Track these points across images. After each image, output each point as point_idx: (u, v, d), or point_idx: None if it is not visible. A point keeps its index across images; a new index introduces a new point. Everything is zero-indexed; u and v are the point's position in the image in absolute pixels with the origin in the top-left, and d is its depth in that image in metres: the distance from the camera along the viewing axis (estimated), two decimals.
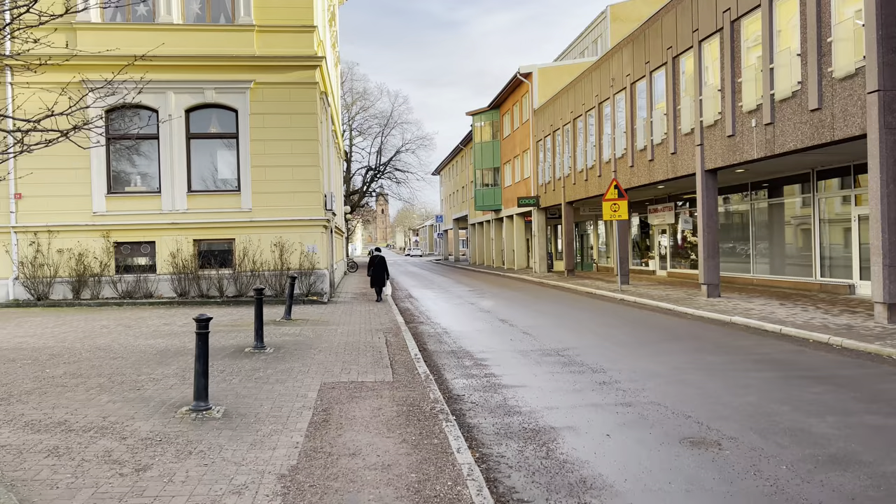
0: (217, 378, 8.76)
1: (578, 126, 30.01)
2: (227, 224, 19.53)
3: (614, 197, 22.43)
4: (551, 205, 34.70)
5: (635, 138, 23.59)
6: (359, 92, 60.26)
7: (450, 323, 15.76)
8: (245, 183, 19.62)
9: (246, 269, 19.20)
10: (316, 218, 19.87)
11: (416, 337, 13.41)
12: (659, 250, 29.44)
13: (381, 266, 21.19)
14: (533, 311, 17.95)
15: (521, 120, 40.06)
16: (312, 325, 14.18)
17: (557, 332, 13.64)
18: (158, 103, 19.32)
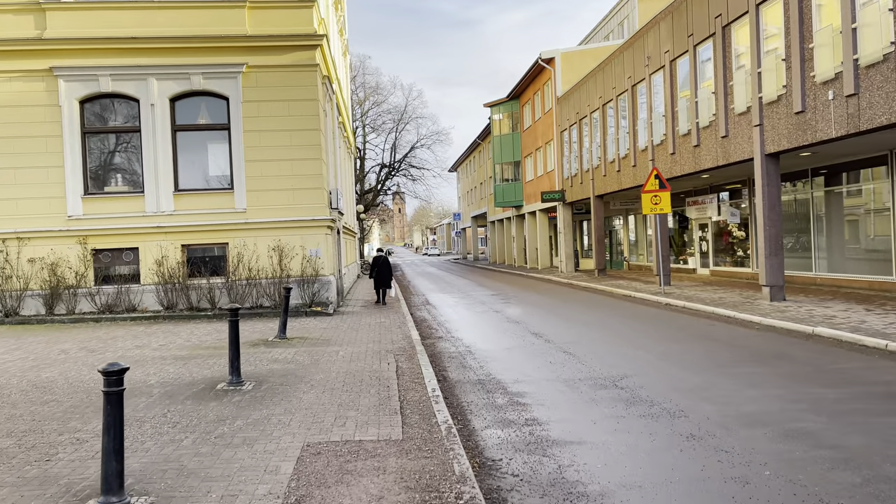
0: (164, 437, 6.45)
1: (609, 112, 27.45)
2: (220, 227, 17.30)
3: (655, 188, 19.91)
4: (578, 199, 32.17)
5: (677, 122, 21.03)
6: (371, 86, 58.05)
7: (473, 338, 13.37)
8: (238, 180, 17.37)
9: (241, 278, 16.96)
10: (319, 218, 17.57)
11: (433, 359, 11.03)
12: (699, 247, 26.81)
13: (385, 267, 19.89)
14: (568, 320, 15.50)
15: (543, 109, 37.52)
16: (310, 346, 11.86)
17: (605, 351, 11.20)
18: (139, 92, 17.13)
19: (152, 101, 17.11)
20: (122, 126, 17.44)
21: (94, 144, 17.41)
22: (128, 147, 17.54)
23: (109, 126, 17.48)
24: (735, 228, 24.23)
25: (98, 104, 17.32)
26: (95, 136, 17.40)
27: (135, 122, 17.31)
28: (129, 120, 17.42)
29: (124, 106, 17.41)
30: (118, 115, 17.46)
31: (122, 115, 17.46)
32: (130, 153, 17.54)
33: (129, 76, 17.00)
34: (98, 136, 17.43)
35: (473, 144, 59.63)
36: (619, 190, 26.50)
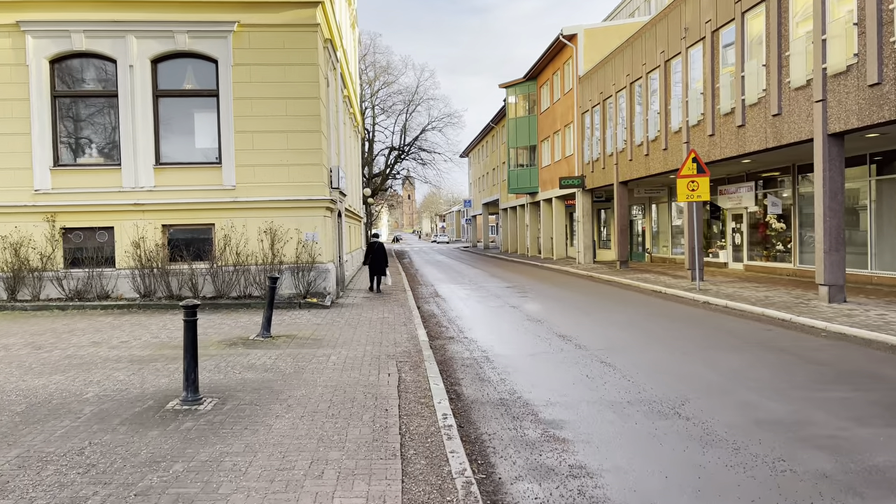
0: (65, 492, 4.55)
1: (637, 91, 25.30)
2: (205, 205, 15.40)
3: (692, 173, 17.85)
4: (599, 186, 30.08)
5: (717, 100, 18.90)
6: (382, 66, 55.88)
7: (490, 340, 11.43)
8: (227, 153, 15.45)
9: (227, 263, 15.07)
10: (317, 198, 15.64)
11: (443, 368, 9.11)
12: (732, 239, 24.72)
13: (379, 253, 19.13)
14: (596, 319, 13.54)
15: (563, 90, 35.36)
16: (297, 348, 9.95)
17: (650, 362, 9.24)
18: (117, 51, 15.19)
19: (131, 61, 15.17)
20: (98, 90, 15.53)
21: (65, 110, 15.50)
22: (103, 114, 15.63)
23: (83, 90, 15.57)
24: (774, 220, 22.13)
25: (70, 64, 15.40)
26: (67, 101, 15.49)
27: (111, 86, 15.39)
28: (106, 83, 15.49)
29: (100, 67, 15.48)
30: (93, 77, 15.54)
31: (97, 77, 15.54)
32: (106, 121, 15.64)
33: (105, 33, 15.06)
34: (70, 101, 15.53)
35: (486, 128, 57.46)
36: (646, 176, 24.40)
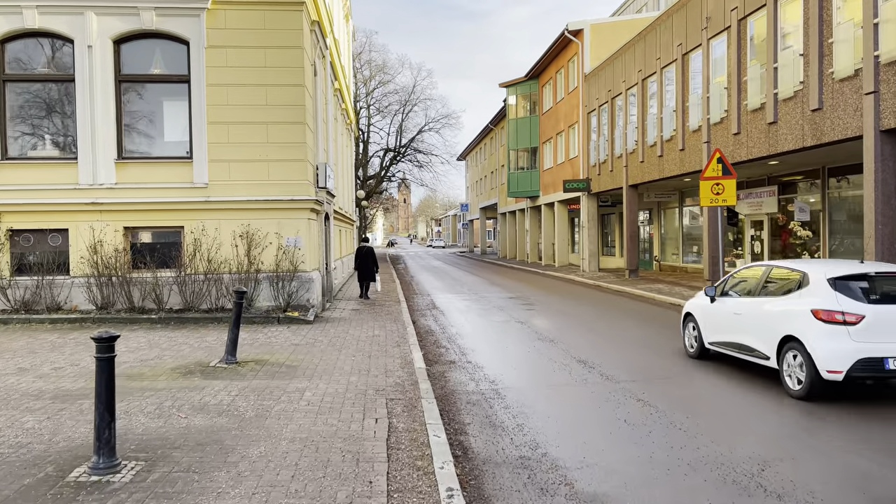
0: None
1: (650, 88, 23.61)
2: (173, 205, 13.61)
3: (717, 174, 16.10)
4: (606, 189, 28.37)
5: (744, 95, 17.22)
6: (377, 64, 54.18)
7: (499, 366, 9.65)
8: (199, 147, 13.66)
9: (198, 271, 13.27)
10: (301, 198, 13.87)
11: (445, 409, 7.33)
12: (751, 247, 23.00)
13: (368, 258, 18.36)
14: (617, 339, 11.77)
15: (567, 89, 33.67)
16: (265, 379, 8.15)
17: (698, 400, 7.47)
18: (74, 30, 13.41)
19: (90, 42, 13.38)
20: (52, 74, 13.73)
21: (14, 96, 13.70)
22: (59, 101, 13.83)
23: (35, 73, 13.77)
24: (799, 227, 20.43)
25: (21, 44, 13.61)
26: (17, 86, 13.69)
27: (68, 70, 13.60)
28: (61, 66, 13.71)
29: (55, 48, 13.69)
30: (47, 59, 13.75)
31: (51, 59, 13.74)
32: (62, 109, 13.84)
33: (61, 9, 13.28)
34: (20, 86, 13.73)
35: (485, 130, 55.73)
36: (659, 178, 22.70)
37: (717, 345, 9.43)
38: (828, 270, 7.83)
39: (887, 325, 7.22)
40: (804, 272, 8.09)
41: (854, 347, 7.17)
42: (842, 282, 7.60)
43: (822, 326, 7.37)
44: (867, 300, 7.42)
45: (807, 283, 7.91)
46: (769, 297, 8.52)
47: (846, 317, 7.29)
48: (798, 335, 7.60)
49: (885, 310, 7.31)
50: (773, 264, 8.99)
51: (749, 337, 8.59)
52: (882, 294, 7.54)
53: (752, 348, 8.53)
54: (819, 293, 7.62)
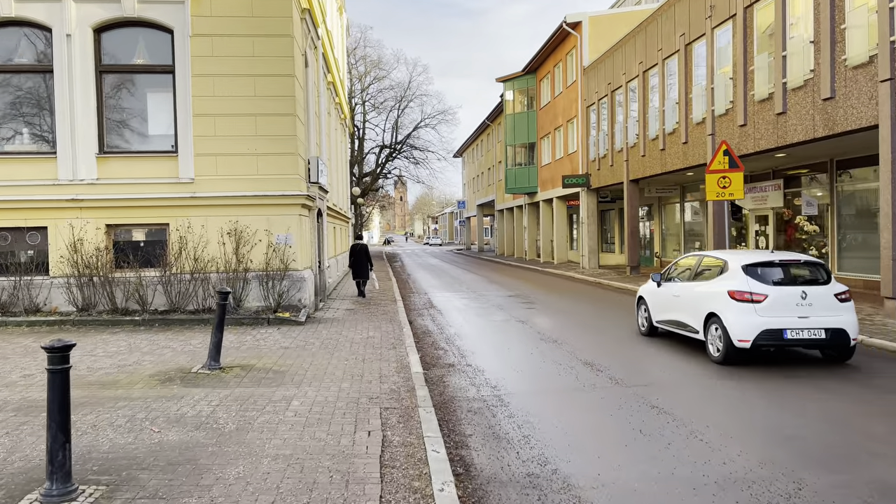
0: None
1: (651, 80, 23.05)
2: (158, 201, 13.01)
3: (723, 168, 15.55)
4: (606, 184, 27.82)
5: (751, 85, 16.66)
6: (373, 60, 53.50)
7: (500, 369, 9.07)
8: (185, 140, 13.05)
9: (184, 270, 12.67)
10: (291, 193, 13.27)
11: (445, 419, 6.76)
12: (756, 243, 22.47)
13: (362, 256, 18.11)
14: (624, 341, 11.20)
15: (566, 83, 33.10)
16: (250, 387, 7.56)
17: (716, 405, 6.90)
18: (52, 18, 12.78)
19: (69, 30, 12.76)
20: (29, 64, 13.11)
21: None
22: (37, 93, 13.20)
23: (11, 64, 13.14)
24: (805, 221, 19.89)
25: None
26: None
27: (46, 60, 12.97)
28: (39, 57, 13.08)
29: (32, 37, 13.06)
30: (23, 49, 13.11)
31: (28, 49, 13.12)
32: (40, 101, 13.22)
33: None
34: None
35: (482, 126, 55.14)
36: (662, 173, 22.15)
37: (662, 323, 10.96)
38: (742, 259, 9.32)
39: (786, 302, 8.74)
40: (725, 260, 9.58)
41: (759, 321, 8.69)
42: (752, 268, 9.08)
43: (735, 304, 8.89)
44: (771, 283, 8.93)
45: (726, 270, 9.42)
46: (700, 282, 10.03)
47: (753, 296, 8.81)
48: (718, 312, 9.09)
49: (785, 290, 8.84)
50: (705, 254, 10.44)
51: (685, 315, 10.12)
52: (783, 278, 9.05)
53: (686, 324, 10.07)
54: (734, 277, 9.13)
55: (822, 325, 8.67)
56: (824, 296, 8.83)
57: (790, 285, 8.92)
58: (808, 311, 8.73)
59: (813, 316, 8.71)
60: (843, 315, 8.79)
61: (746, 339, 8.69)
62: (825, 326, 8.66)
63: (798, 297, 8.77)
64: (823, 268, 9.28)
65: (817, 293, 8.83)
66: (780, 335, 8.66)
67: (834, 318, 8.73)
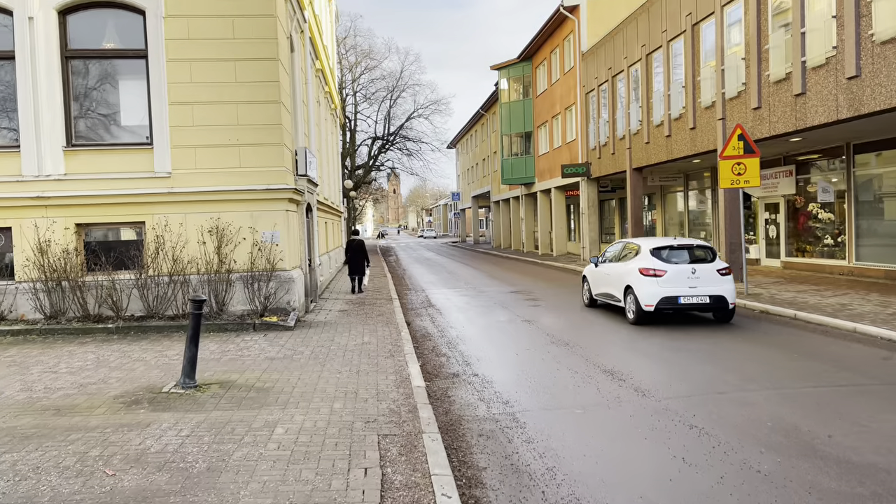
0: None
1: (655, 63, 22.07)
2: (132, 198, 11.99)
3: (737, 153, 14.71)
4: (608, 173, 26.88)
5: (765, 65, 15.72)
6: (363, 49, 52.35)
7: (511, 380, 8.13)
8: (160, 131, 12.02)
9: (162, 272, 11.66)
10: (278, 187, 12.27)
11: (453, 447, 5.83)
12: (766, 232, 21.59)
13: (359, 252, 17.90)
14: (644, 344, 10.27)
15: (563, 69, 32.08)
16: (228, 409, 6.59)
17: (769, 421, 5.97)
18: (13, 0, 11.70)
19: (31, 12, 11.68)
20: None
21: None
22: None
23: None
24: (819, 209, 19.01)
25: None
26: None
27: (7, 46, 11.89)
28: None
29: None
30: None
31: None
32: (1, 91, 12.14)
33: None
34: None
35: (476, 116, 54.08)
36: (667, 160, 21.21)
37: (598, 296, 13.79)
38: (651, 244, 12.03)
39: (680, 276, 11.31)
40: (639, 245, 12.34)
41: (660, 291, 11.26)
42: (657, 251, 11.76)
43: (643, 278, 11.48)
44: (670, 262, 11.53)
45: (640, 252, 12.10)
46: (622, 262, 12.64)
47: (656, 272, 11.40)
48: (632, 284, 11.69)
49: (680, 268, 11.41)
50: (627, 241, 13.34)
51: (612, 288, 12.81)
52: (679, 258, 11.64)
53: (614, 295, 12.74)
54: (644, 258, 11.80)
55: (707, 293, 11.27)
56: (709, 271, 11.40)
57: (684, 263, 11.53)
58: (696, 283, 11.30)
59: (700, 286, 11.29)
60: (724, 286, 11.37)
61: (651, 305, 11.33)
62: (709, 294, 11.26)
63: (689, 272, 11.37)
64: (710, 250, 11.95)
65: (704, 269, 11.41)
66: (675, 301, 11.25)
67: (716, 287, 11.32)
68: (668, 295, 11.21)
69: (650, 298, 11.28)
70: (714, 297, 11.26)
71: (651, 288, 11.33)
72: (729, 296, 11.33)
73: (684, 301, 11.23)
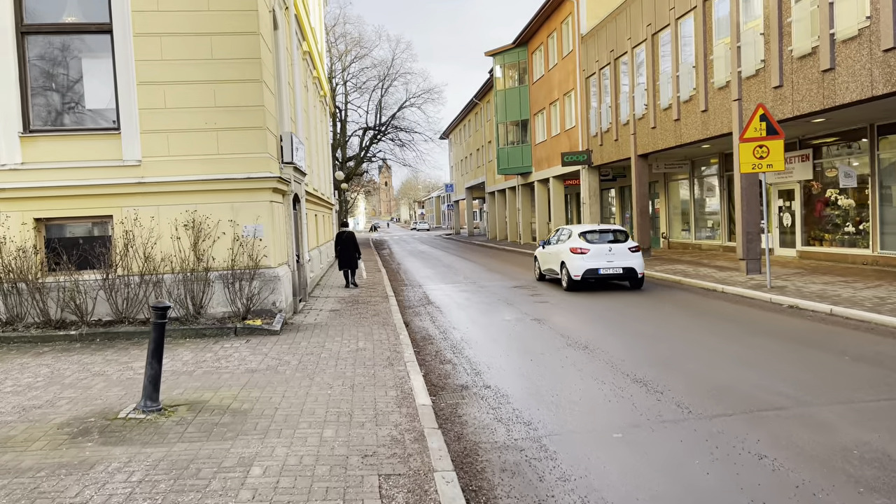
0: None
1: (662, 43, 20.93)
2: (98, 189, 10.77)
3: (759, 135, 13.61)
4: (610, 161, 25.76)
5: (787, 40, 14.61)
6: (353, 37, 50.96)
7: (530, 394, 6.99)
8: (128, 115, 10.79)
9: (132, 272, 10.46)
10: (260, 175, 11.07)
11: (470, 483, 4.73)
12: (779, 220, 20.54)
13: (349, 244, 17.35)
14: (663, 340, 9.19)
15: (561, 53, 30.89)
16: (195, 440, 5.43)
17: (855, 449, 4.89)
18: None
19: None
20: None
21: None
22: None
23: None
24: (839, 196, 17.96)
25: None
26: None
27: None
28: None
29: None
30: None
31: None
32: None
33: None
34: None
35: (469, 105, 52.82)
36: (676, 146, 20.11)
37: (545, 271, 17.02)
38: (580, 229, 15.27)
39: (600, 253, 14.54)
40: (571, 230, 15.56)
41: (585, 264, 14.49)
42: (584, 234, 14.98)
43: (573, 255, 14.71)
44: (592, 242, 14.74)
45: (572, 235, 15.27)
46: (560, 244, 15.72)
47: (582, 250, 14.64)
48: (565, 260, 14.98)
49: (600, 246, 14.62)
50: (564, 228, 16.33)
51: (552, 265, 16.06)
52: (600, 238, 14.86)
53: (554, 270, 15.96)
54: (574, 240, 14.98)
55: (620, 265, 14.62)
56: (623, 249, 14.78)
57: (603, 243, 14.80)
58: (612, 258, 14.64)
59: (615, 261, 14.65)
60: (634, 260, 14.75)
61: (578, 275, 14.65)
62: (622, 266, 14.62)
63: (607, 250, 14.70)
64: (624, 233, 15.37)
65: (619, 248, 14.79)
66: (596, 272, 14.57)
67: (628, 261, 14.69)
68: (591, 267, 14.60)
69: (577, 270, 14.69)
70: (626, 269, 14.70)
71: (578, 262, 14.73)
72: (638, 268, 14.79)
73: (603, 272, 14.64)
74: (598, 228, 15.22)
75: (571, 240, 15.16)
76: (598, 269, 14.47)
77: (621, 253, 14.67)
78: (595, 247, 14.67)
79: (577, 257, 14.68)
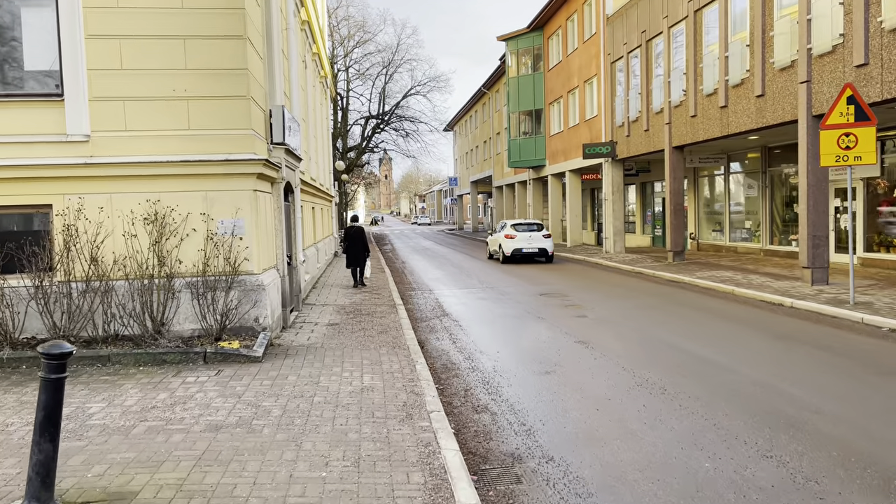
0: None
1: (706, 21, 18.59)
2: (33, 171, 8.46)
3: (846, 121, 11.39)
4: (637, 154, 23.46)
5: (874, 9, 12.30)
6: (357, 21, 48.47)
7: (622, 477, 4.70)
8: (74, 77, 8.48)
9: (75, 277, 8.17)
10: (242, 157, 8.76)
11: None
12: (835, 222, 18.24)
13: (358, 240, 16.07)
14: (766, 380, 6.91)
15: (582, 37, 28.51)
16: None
17: None
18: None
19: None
20: None
21: None
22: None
23: None
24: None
25: None
26: None
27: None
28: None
29: None
30: None
31: None
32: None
33: None
34: None
35: (477, 95, 50.40)
36: (721, 136, 17.80)
37: (492, 252, 24.74)
38: (512, 222, 23.55)
39: (523, 238, 22.53)
40: (506, 222, 23.72)
41: (515, 245, 22.41)
42: (514, 225, 23.27)
43: (506, 240, 22.64)
44: (519, 231, 22.83)
45: (506, 227, 23.28)
46: (501, 232, 23.37)
47: (512, 236, 22.57)
48: (501, 244, 22.81)
49: (524, 234, 22.70)
50: (505, 221, 24.05)
51: (495, 247, 24.08)
52: (524, 228, 23.05)
53: (496, 251, 23.69)
54: (507, 229, 23.03)
55: (536, 246, 22.31)
56: (538, 235, 22.53)
57: (526, 231, 22.63)
58: (532, 241, 22.34)
59: (534, 243, 22.30)
60: (546, 243, 22.45)
61: (509, 254, 22.31)
62: (538, 246, 22.31)
63: (529, 236, 22.45)
64: (540, 225, 23.41)
65: (536, 234, 22.54)
66: (521, 251, 22.24)
67: (542, 244, 22.41)
68: (517, 247, 22.25)
69: (509, 250, 22.33)
70: (540, 249, 22.38)
71: (510, 244, 22.37)
72: (549, 248, 22.53)
73: (526, 251, 22.29)
74: (523, 222, 23.53)
75: (507, 229, 22.95)
76: (523, 248, 22.27)
77: (537, 238, 22.46)
78: (520, 234, 22.52)
79: (509, 241, 22.46)
